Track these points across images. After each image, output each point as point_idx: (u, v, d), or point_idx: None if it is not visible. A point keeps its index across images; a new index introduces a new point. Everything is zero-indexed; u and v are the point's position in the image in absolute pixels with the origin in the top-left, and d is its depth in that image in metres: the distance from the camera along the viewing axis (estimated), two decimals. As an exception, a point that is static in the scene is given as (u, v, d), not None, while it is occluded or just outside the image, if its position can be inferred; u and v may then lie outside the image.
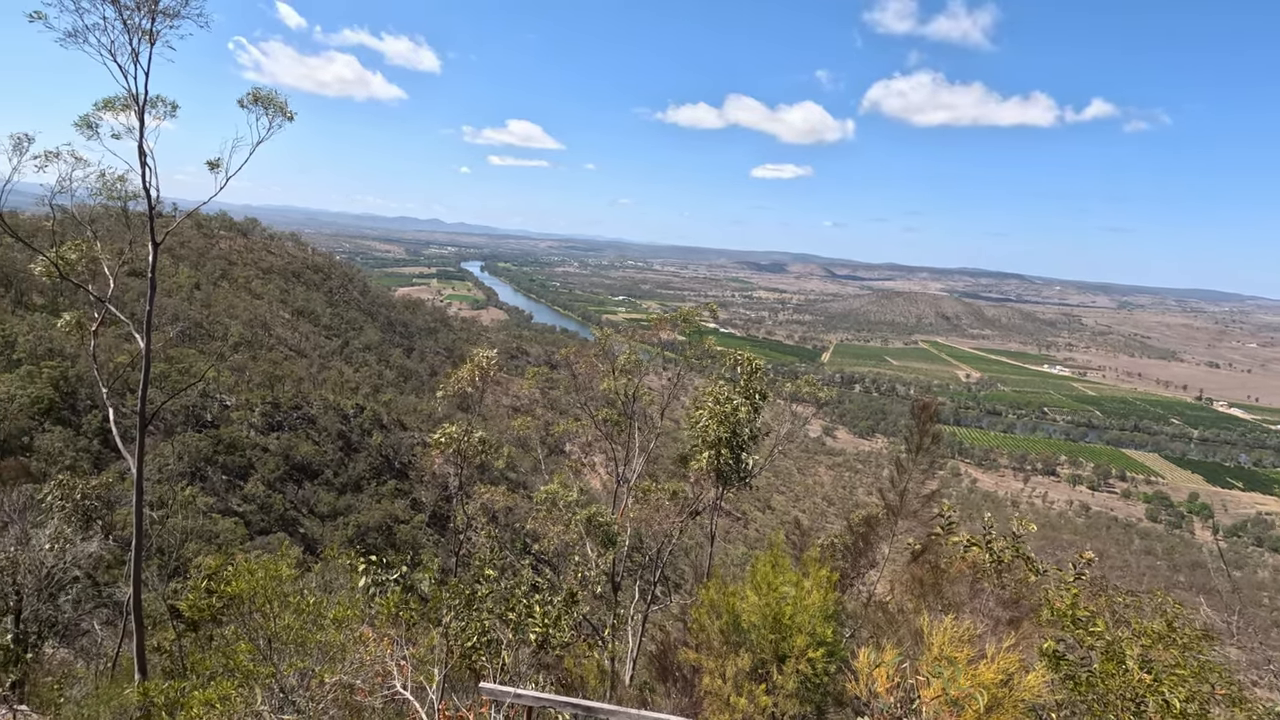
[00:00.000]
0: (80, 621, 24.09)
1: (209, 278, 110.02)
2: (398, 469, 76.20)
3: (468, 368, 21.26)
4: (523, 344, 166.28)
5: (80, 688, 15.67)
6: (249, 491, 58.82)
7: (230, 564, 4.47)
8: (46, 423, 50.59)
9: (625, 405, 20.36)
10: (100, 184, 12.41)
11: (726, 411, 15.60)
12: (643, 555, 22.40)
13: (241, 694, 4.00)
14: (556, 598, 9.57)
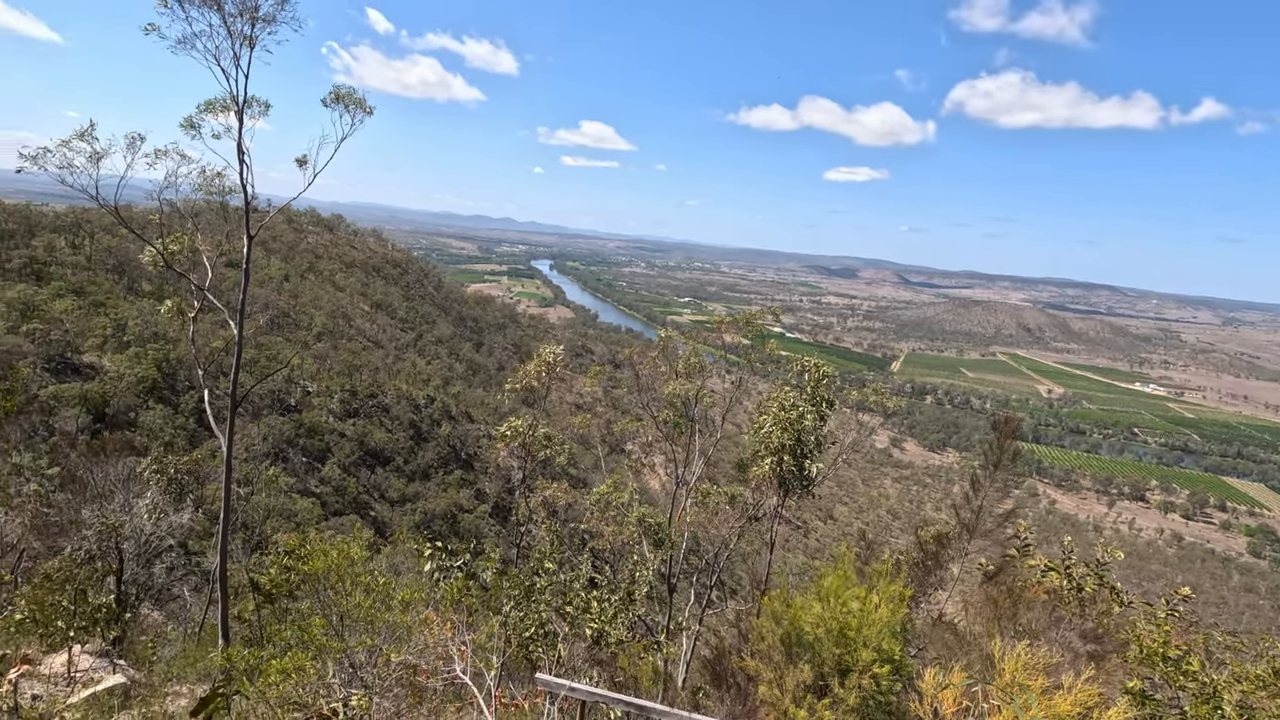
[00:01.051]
0: (172, 587, 25.87)
1: (297, 270, 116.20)
2: (464, 459, 78.49)
3: (534, 363, 21.68)
4: (588, 342, 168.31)
5: (170, 649, 16.77)
6: (326, 474, 61.83)
7: (307, 544, 4.69)
8: (149, 401, 54.62)
9: (686, 407, 20.29)
10: (201, 180, 13.26)
11: (792, 418, 15.33)
12: (699, 559, 22.27)
13: (315, 666, 4.18)
14: (614, 595, 9.60)
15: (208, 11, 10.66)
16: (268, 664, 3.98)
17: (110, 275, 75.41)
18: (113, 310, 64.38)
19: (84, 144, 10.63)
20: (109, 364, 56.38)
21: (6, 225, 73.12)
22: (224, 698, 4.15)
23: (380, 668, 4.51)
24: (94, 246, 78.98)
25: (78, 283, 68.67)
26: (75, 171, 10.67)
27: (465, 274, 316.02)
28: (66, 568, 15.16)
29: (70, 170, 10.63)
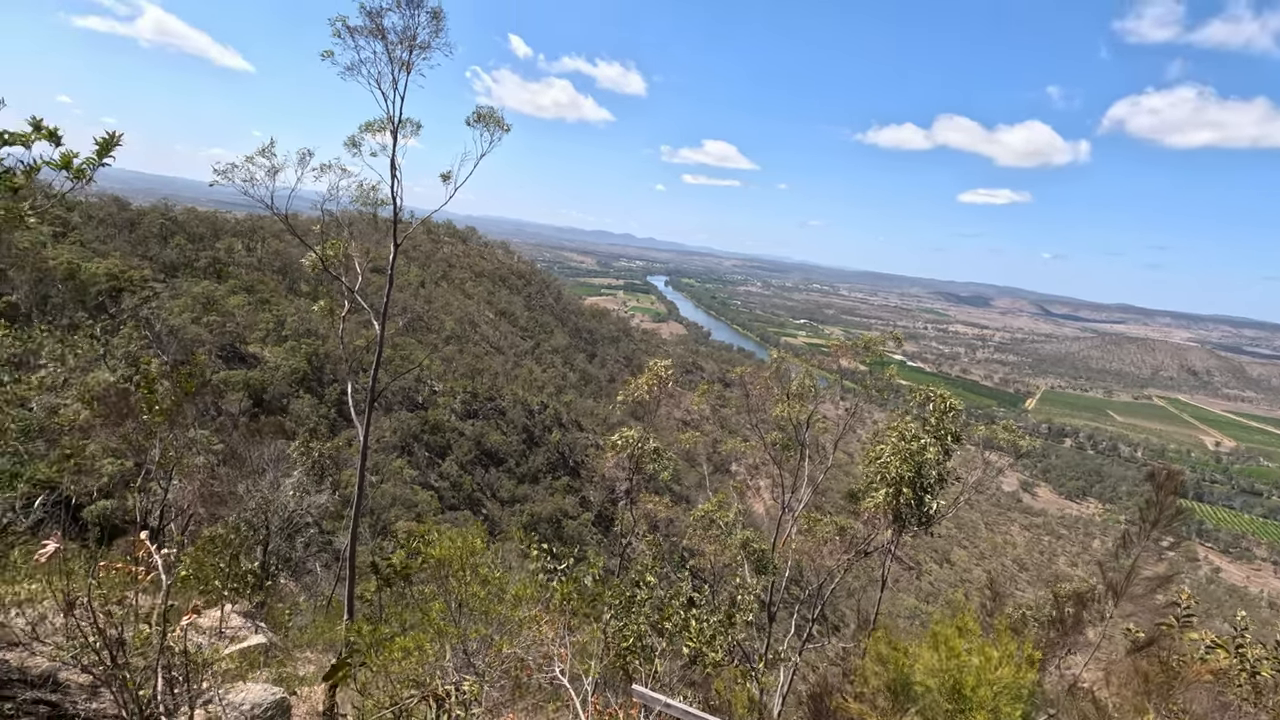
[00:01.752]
0: (306, 561, 28.34)
1: (432, 277, 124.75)
2: (571, 467, 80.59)
3: (646, 376, 21.95)
4: (698, 359, 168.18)
5: (301, 618, 18.30)
6: (445, 469, 65.55)
7: (433, 531, 5.00)
8: (299, 390, 60.41)
9: (796, 431, 19.78)
10: (359, 193, 14.59)
11: (913, 449, 14.54)
12: (802, 589, 21.51)
13: (433, 647, 4.43)
14: (713, 617, 9.47)
15: (373, 40, 11.78)
16: (391, 641, 4.27)
17: (275, 276, 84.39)
18: (275, 307, 71.95)
19: (264, 160, 12.03)
20: (269, 355, 62.98)
21: (197, 229, 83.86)
22: (350, 667, 4.50)
23: (491, 657, 4.71)
24: (264, 250, 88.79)
25: (249, 281, 77.38)
26: (255, 184, 12.07)
27: (583, 287, 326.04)
28: (225, 534, 17.03)
29: (251, 183, 12.04)
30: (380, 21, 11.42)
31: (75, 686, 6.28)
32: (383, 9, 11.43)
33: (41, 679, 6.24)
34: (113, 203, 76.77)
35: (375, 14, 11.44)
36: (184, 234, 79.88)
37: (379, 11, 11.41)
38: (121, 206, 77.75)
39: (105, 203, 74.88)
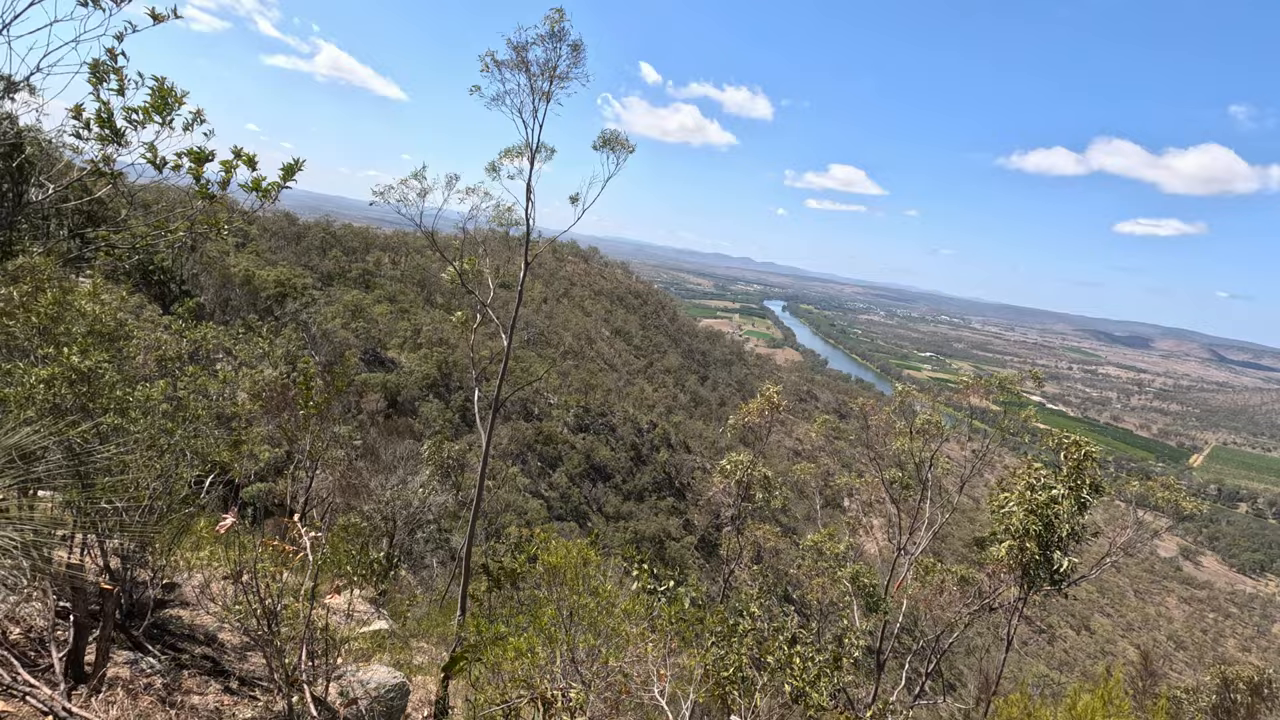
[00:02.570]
0: (424, 556, 30.16)
1: (554, 294, 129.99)
2: (677, 488, 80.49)
3: (757, 401, 21.68)
4: (813, 388, 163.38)
5: (418, 610, 19.44)
6: (555, 480, 67.58)
7: (550, 539, 5.23)
8: (429, 395, 64.70)
9: (918, 470, 18.74)
10: (495, 213, 15.58)
11: (1041, 501, 13.33)
12: (915, 639, 20.20)
13: (544, 651, 4.62)
14: (819, 656, 9.13)
15: (517, 73, 12.63)
16: (505, 641, 4.50)
17: (415, 288, 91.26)
18: (413, 316, 77.74)
19: (415, 183, 13.16)
20: (404, 360, 68.02)
21: (352, 243, 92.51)
22: (468, 661, 4.77)
23: (598, 668, 4.84)
24: (407, 264, 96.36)
25: (392, 292, 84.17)
26: (407, 204, 13.22)
27: (699, 309, 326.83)
28: (358, 524, 18.52)
29: (404, 203, 13.20)
30: (525, 55, 12.23)
31: (230, 646, 7.05)
32: (528, 43, 12.25)
33: (207, 637, 7.08)
34: (284, 218, 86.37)
35: (521, 48, 12.28)
36: (340, 247, 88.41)
37: (524, 45, 12.23)
38: (291, 221, 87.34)
39: (278, 218, 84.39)
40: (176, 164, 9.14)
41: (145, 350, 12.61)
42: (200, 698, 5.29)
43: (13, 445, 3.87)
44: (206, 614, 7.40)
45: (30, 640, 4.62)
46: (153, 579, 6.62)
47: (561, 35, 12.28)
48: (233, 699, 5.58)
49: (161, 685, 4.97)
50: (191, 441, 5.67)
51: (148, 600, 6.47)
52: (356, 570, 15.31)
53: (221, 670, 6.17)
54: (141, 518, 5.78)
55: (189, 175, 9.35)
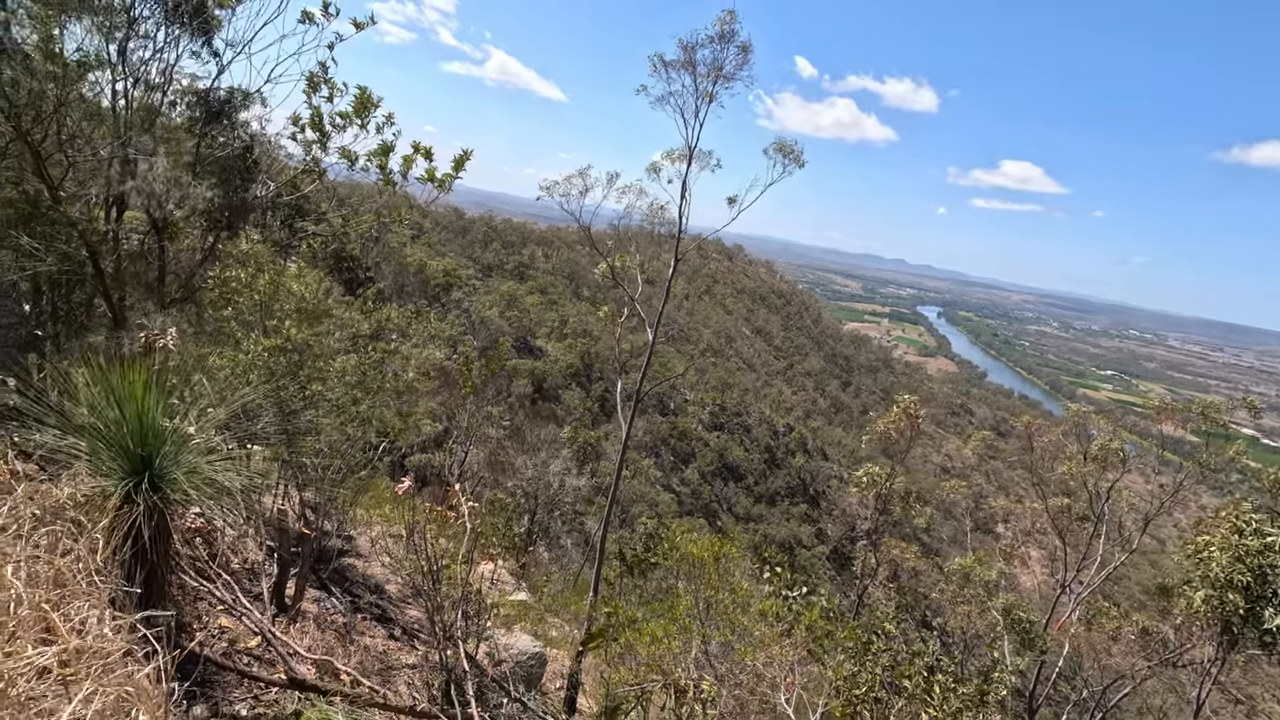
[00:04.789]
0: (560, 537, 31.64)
1: (696, 291, 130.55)
2: (811, 495, 78.01)
3: (894, 413, 20.52)
4: (968, 402, 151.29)
5: (553, 587, 20.42)
6: (687, 476, 68.03)
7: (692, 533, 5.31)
8: (571, 384, 67.58)
9: (1092, 501, 16.81)
10: (649, 212, 15.94)
11: (1252, 547, 11.43)
12: (1074, 690, 18.20)
13: (679, 640, 4.71)
14: (962, 688, 8.51)
15: (683, 73, 12.81)
16: (641, 626, 4.64)
17: (564, 280, 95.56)
18: (561, 308, 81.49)
19: (579, 180, 13.81)
20: (551, 349, 71.51)
21: (510, 237, 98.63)
22: (605, 639, 4.97)
23: (732, 664, 4.85)
24: (558, 258, 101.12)
25: (544, 284, 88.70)
26: (569, 200, 13.91)
27: (844, 312, 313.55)
28: (504, 499, 19.79)
29: (566, 199, 13.91)
30: (693, 56, 12.39)
31: (393, 598, 7.83)
32: (697, 44, 12.39)
33: (375, 587, 7.91)
34: (453, 212, 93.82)
35: (690, 48, 12.45)
36: (500, 241, 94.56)
37: (693, 46, 12.38)
38: (459, 215, 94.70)
39: (448, 212, 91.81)
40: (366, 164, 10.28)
41: (340, 328, 14.26)
42: (370, 639, 5.94)
43: (241, 404, 4.56)
44: (378, 566, 8.29)
45: (246, 570, 5.43)
46: (336, 530, 7.52)
47: (730, 36, 12.30)
48: (396, 644, 6.22)
49: (342, 624, 5.65)
50: (374, 410, 6.37)
51: (332, 549, 7.36)
52: (501, 542, 16.39)
53: (387, 618, 6.88)
54: (330, 475, 6.58)
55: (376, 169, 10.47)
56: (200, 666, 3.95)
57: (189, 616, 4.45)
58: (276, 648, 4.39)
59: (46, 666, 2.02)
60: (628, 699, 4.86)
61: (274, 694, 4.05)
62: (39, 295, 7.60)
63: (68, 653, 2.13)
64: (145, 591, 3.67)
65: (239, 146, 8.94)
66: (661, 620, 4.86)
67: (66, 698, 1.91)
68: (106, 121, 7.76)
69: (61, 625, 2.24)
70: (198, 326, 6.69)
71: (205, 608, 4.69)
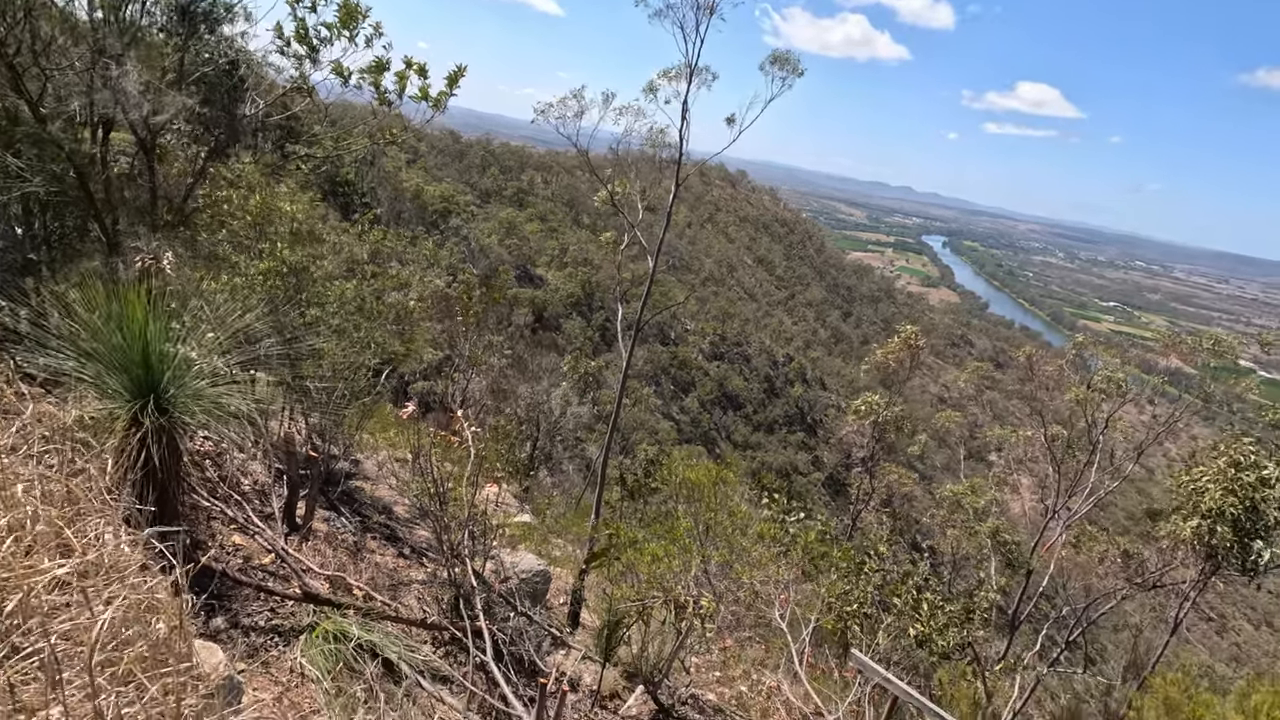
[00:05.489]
0: (562, 462, 32.33)
1: (698, 219, 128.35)
2: (808, 424, 79.25)
3: (895, 343, 20.58)
4: (968, 333, 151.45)
5: (555, 510, 20.99)
6: (686, 405, 68.90)
7: (688, 459, 5.41)
8: (572, 313, 67.44)
9: (1088, 431, 17.04)
10: (648, 135, 15.43)
11: (1247, 481, 11.66)
12: (1056, 607, 19.01)
13: (679, 560, 4.87)
14: (950, 605, 8.88)
15: (682, -19, 12.10)
16: (645, 545, 4.79)
17: (563, 207, 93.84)
18: (561, 236, 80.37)
19: (574, 101, 13.28)
20: (551, 278, 70.98)
21: (508, 162, 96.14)
22: (608, 558, 5.15)
23: (730, 582, 5.03)
24: (557, 184, 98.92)
25: (543, 211, 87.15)
26: (565, 122, 13.43)
27: (848, 241, 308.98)
28: (506, 425, 20.09)
29: (562, 121, 13.42)
30: (696, -35, 11.68)
31: (401, 519, 8.05)
32: (698, -48, 11.65)
33: (384, 508, 8.11)
34: (449, 135, 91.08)
35: (691, -44, 11.71)
36: (498, 165, 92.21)
37: (695, -47, 11.65)
38: (455, 139, 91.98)
39: (443, 135, 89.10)
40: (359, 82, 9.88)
41: (334, 251, 14.07)
42: (380, 557, 6.14)
43: (241, 328, 4.54)
44: (385, 489, 8.48)
45: (255, 491, 5.55)
46: (343, 453, 7.65)
47: (733, -58, 11.57)
48: (405, 562, 6.43)
49: (352, 542, 5.82)
50: (374, 334, 6.36)
51: (340, 471, 7.50)
52: (504, 468, 16.76)
53: (396, 537, 7.10)
54: (335, 399, 6.63)
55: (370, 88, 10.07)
56: (217, 581, 4.10)
57: (203, 535, 4.58)
58: (290, 564, 4.54)
59: (65, 579, 2.08)
60: (629, 614, 5.06)
61: (290, 607, 4.21)
62: (30, 218, 7.46)
63: (85, 565, 2.18)
64: (159, 510, 3.76)
65: (224, 62, 8.56)
66: (662, 541, 5.02)
67: (87, 607, 1.97)
68: (85, 36, 7.41)
69: (76, 541, 2.29)
70: (192, 251, 6.59)
71: (219, 527, 4.82)
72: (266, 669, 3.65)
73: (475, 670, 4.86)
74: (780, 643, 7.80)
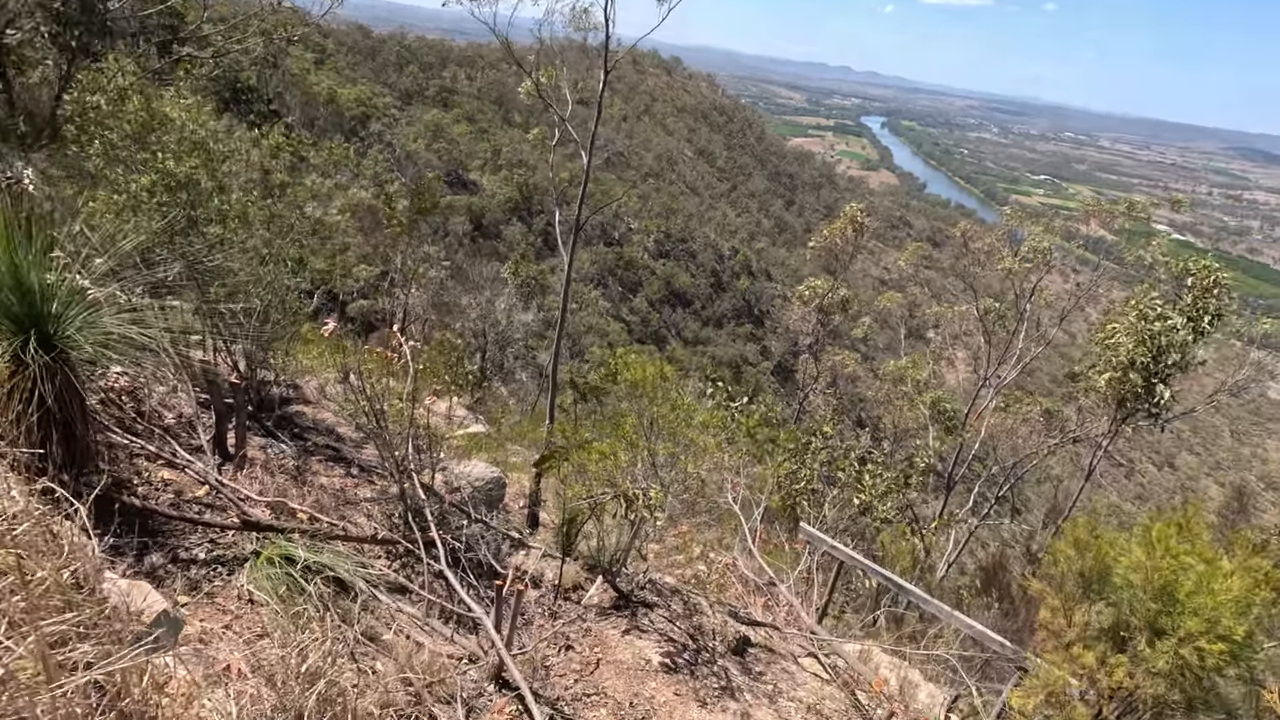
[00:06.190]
0: (515, 371, 32.25)
1: (634, 111, 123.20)
2: (756, 315, 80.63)
3: (840, 222, 20.65)
4: (907, 215, 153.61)
5: (510, 417, 21.11)
6: (635, 305, 68.91)
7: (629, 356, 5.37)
8: (512, 218, 65.24)
9: (1016, 301, 17.77)
10: (572, 16, 14.33)
11: (1154, 330, 12.42)
12: (986, 467, 20.49)
13: (625, 456, 4.92)
14: (888, 473, 9.40)
15: None
16: (591, 444, 4.81)
17: (493, 106, 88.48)
18: (492, 137, 76.29)
19: (487, -21, 12.11)
20: (486, 183, 67.97)
21: (427, 58, 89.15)
22: (557, 460, 5.17)
23: (676, 473, 5.14)
24: (483, 79, 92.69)
25: (470, 110, 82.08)
26: (479, 5, 12.33)
27: (788, 126, 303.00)
28: (452, 338, 19.72)
29: (477, 4, 12.31)
30: None
31: (349, 439, 7.90)
32: None
33: (329, 430, 7.93)
34: (357, 31, 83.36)
35: None
36: (417, 63, 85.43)
37: None
38: (365, 34, 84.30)
39: (351, 30, 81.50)
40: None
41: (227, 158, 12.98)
42: (327, 478, 6.04)
43: (130, 250, 4.13)
44: (329, 411, 8.26)
45: (181, 425, 5.30)
46: (276, 378, 7.35)
47: None
48: (354, 481, 6.36)
49: (294, 466, 5.68)
50: (288, 251, 5.94)
51: (274, 397, 7.23)
52: (453, 381, 16.57)
53: (343, 458, 6.98)
54: (257, 323, 6.27)
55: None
56: (147, 519, 3.94)
57: (127, 474, 4.37)
58: (226, 494, 4.40)
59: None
60: (582, 511, 5.16)
61: (231, 537, 4.11)
62: None
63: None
64: (65, 452, 3.52)
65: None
66: (609, 439, 5.05)
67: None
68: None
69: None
70: (67, 170, 5.90)
71: (145, 464, 4.60)
72: (212, 600, 3.58)
73: (435, 579, 4.92)
74: (734, 524, 8.20)
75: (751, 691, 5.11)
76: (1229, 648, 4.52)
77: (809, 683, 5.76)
